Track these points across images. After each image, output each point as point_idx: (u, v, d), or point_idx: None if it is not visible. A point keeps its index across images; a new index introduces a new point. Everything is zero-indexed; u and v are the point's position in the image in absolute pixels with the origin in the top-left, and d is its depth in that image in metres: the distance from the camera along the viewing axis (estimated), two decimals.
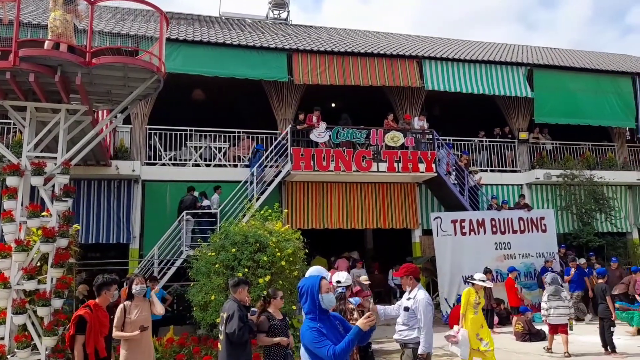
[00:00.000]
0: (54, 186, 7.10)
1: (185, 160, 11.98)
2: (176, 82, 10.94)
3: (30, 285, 6.55)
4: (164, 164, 11.70)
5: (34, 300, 6.59)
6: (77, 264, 8.51)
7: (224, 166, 12.02)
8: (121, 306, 5.03)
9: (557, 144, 15.01)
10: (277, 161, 11.43)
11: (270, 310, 4.87)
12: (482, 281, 6.81)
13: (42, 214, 6.92)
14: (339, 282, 5.38)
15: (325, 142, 11.48)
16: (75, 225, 8.06)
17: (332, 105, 15.13)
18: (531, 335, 9.17)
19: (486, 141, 14.35)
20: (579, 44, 61.07)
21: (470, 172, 12.68)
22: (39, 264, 6.93)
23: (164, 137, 11.81)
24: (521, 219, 12.20)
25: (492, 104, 14.44)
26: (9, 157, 7.00)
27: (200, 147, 12.08)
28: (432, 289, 12.46)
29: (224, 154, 12.22)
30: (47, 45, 6.73)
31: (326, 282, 3.15)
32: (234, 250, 7.87)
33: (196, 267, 8.35)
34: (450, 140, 13.60)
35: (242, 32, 14.10)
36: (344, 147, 11.42)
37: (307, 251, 8.57)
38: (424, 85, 12.96)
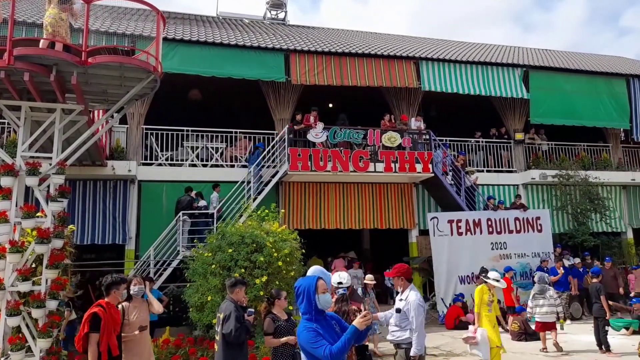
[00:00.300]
0: (49, 186, 7.04)
1: (182, 160, 11.94)
2: (173, 82, 10.91)
3: (24, 286, 6.48)
4: (160, 164, 11.66)
5: (29, 301, 6.54)
6: (73, 265, 8.47)
7: (221, 166, 11.99)
8: (120, 307, 4.99)
9: (552, 144, 15.09)
10: (274, 161, 11.42)
11: (274, 311, 4.83)
12: (496, 281, 6.55)
13: (37, 214, 6.87)
14: (340, 283, 5.35)
15: (322, 143, 11.47)
16: (70, 226, 7.99)
17: (330, 105, 15.14)
18: (527, 335, 9.20)
19: (482, 142, 14.40)
20: (574, 45, 61.45)
21: (466, 173, 12.72)
22: (33, 265, 6.87)
23: (160, 137, 11.77)
24: (517, 219, 12.27)
25: (488, 104, 14.50)
26: (3, 157, 6.94)
27: (197, 147, 12.04)
28: (428, 289, 12.49)
29: (221, 154, 12.19)
30: (43, 44, 6.68)
31: (323, 282, 3.14)
32: (230, 250, 7.85)
33: (192, 267, 8.33)
34: (446, 140, 13.64)
35: (239, 32, 14.08)
36: (341, 148, 11.42)
37: (304, 251, 8.57)
38: (420, 86, 12.98)
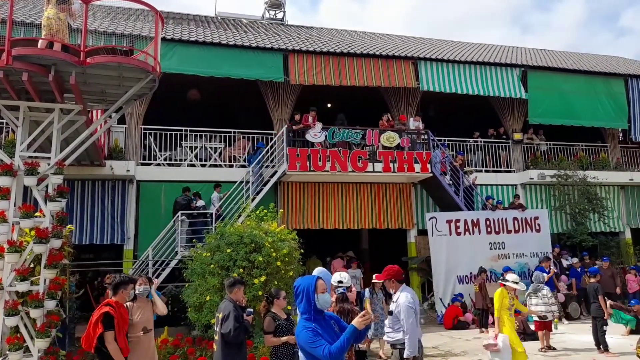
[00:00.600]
0: (47, 186, 7.04)
1: (180, 160, 11.93)
2: (171, 82, 10.90)
3: (23, 286, 6.48)
4: (159, 164, 11.65)
5: (27, 301, 6.54)
6: (71, 265, 8.46)
7: (220, 166, 11.98)
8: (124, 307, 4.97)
9: (551, 144, 15.11)
10: (273, 161, 11.42)
11: (274, 310, 4.83)
12: (515, 283, 6.31)
13: (36, 214, 6.87)
14: (340, 282, 5.35)
15: (321, 143, 11.48)
16: (69, 225, 8.00)
17: (328, 105, 15.14)
18: (526, 335, 9.20)
19: (481, 142, 14.42)
20: (573, 46, 61.58)
21: (465, 173, 12.73)
22: (32, 265, 6.87)
23: (159, 137, 11.76)
24: (515, 219, 12.29)
25: (486, 104, 14.52)
26: (1, 157, 6.93)
27: (195, 147, 12.03)
28: (427, 289, 12.50)
29: (220, 154, 12.19)
30: (41, 44, 6.68)
31: (322, 282, 3.14)
32: (229, 250, 7.85)
33: (191, 267, 8.32)
34: (445, 140, 13.65)
35: (237, 32, 14.08)
36: (340, 148, 11.43)
37: (302, 251, 8.57)
38: (419, 86, 13.00)
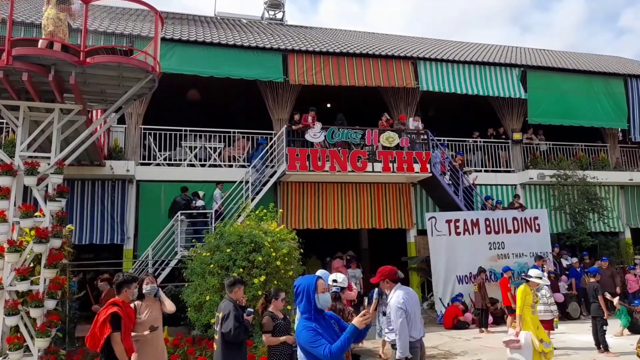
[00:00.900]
0: (47, 186, 7.05)
1: (180, 160, 11.94)
2: (171, 82, 10.90)
3: (23, 286, 6.49)
4: (158, 164, 11.65)
5: (27, 301, 6.54)
6: (71, 265, 8.46)
7: (219, 166, 11.98)
8: (132, 306, 4.95)
9: (550, 144, 15.12)
10: (272, 161, 11.43)
11: (271, 309, 4.85)
12: (539, 278, 6.15)
13: (35, 214, 6.88)
14: (335, 281, 5.40)
15: (320, 143, 11.48)
16: (68, 225, 8.01)
17: (328, 105, 15.15)
18: None
19: (480, 142, 14.43)
20: (573, 46, 61.62)
21: (464, 173, 12.74)
22: (32, 265, 6.88)
23: (158, 137, 11.76)
24: (515, 218, 12.29)
25: (486, 104, 14.53)
26: (1, 156, 6.94)
27: (195, 147, 12.04)
28: (426, 289, 12.51)
29: (219, 154, 12.19)
30: (41, 44, 6.69)
31: (322, 282, 3.15)
32: (228, 250, 7.85)
33: (191, 267, 8.33)
34: (444, 140, 13.65)
35: (237, 32, 14.08)
36: (339, 148, 11.44)
37: (302, 251, 8.58)
38: (418, 85, 13.01)
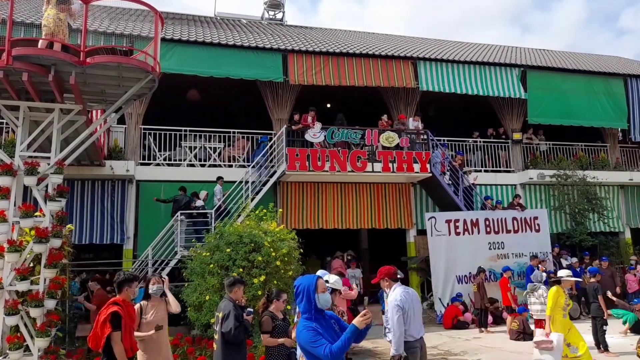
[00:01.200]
0: (47, 186, 7.06)
1: (179, 160, 11.94)
2: (171, 82, 10.90)
3: (23, 286, 6.50)
4: (158, 164, 11.65)
5: (27, 301, 6.55)
6: (71, 265, 8.47)
7: (219, 166, 11.98)
8: (137, 306, 4.95)
9: (550, 144, 15.12)
10: (272, 161, 11.43)
11: (271, 310, 4.84)
12: (570, 276, 6.04)
13: (35, 214, 6.89)
14: (327, 281, 5.39)
15: (320, 143, 11.48)
16: (68, 225, 8.02)
17: (327, 105, 15.15)
18: (525, 334, 9.22)
19: (480, 142, 14.44)
20: (573, 46, 61.63)
21: (464, 173, 12.74)
22: (31, 265, 6.89)
23: (158, 137, 11.77)
24: (515, 218, 12.29)
25: (486, 104, 14.53)
26: (1, 156, 6.94)
27: (194, 147, 12.04)
28: (426, 289, 12.51)
29: (219, 154, 12.20)
30: (41, 44, 6.70)
31: (322, 281, 3.16)
32: (228, 250, 7.86)
33: (191, 267, 8.33)
34: (444, 140, 13.65)
35: (237, 32, 14.08)
36: (339, 148, 11.43)
37: (301, 251, 8.58)
38: (418, 86, 13.01)
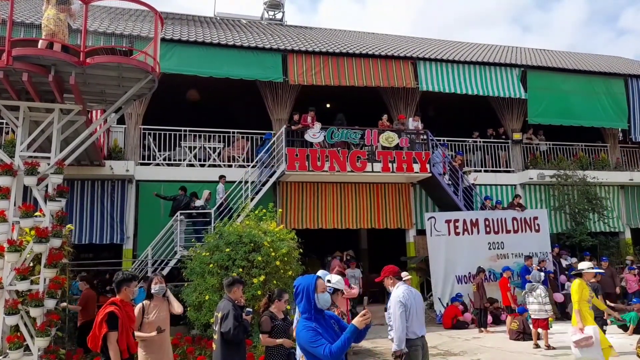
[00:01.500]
0: (47, 186, 7.06)
1: (179, 160, 11.95)
2: (171, 82, 10.92)
3: (23, 285, 6.51)
4: (158, 164, 11.67)
5: (27, 300, 6.56)
6: (71, 265, 8.47)
7: (219, 166, 11.99)
8: (139, 306, 4.94)
9: (550, 144, 15.12)
10: (272, 161, 11.44)
11: (272, 310, 4.83)
12: (591, 268, 5.95)
13: (35, 214, 6.89)
14: (329, 281, 5.38)
15: (319, 143, 11.48)
16: (68, 225, 8.02)
17: (327, 105, 15.16)
18: (525, 334, 9.22)
19: (480, 142, 14.44)
20: (573, 46, 61.65)
21: (464, 173, 12.74)
22: (31, 265, 6.90)
23: (158, 137, 11.78)
24: (514, 219, 12.28)
25: (486, 104, 14.53)
26: (1, 156, 6.95)
27: (194, 147, 12.05)
28: (425, 289, 12.52)
29: (219, 154, 12.21)
30: (41, 44, 6.71)
31: (322, 281, 3.16)
32: (228, 250, 7.86)
33: (190, 267, 8.34)
34: (444, 140, 13.65)
35: (237, 32, 14.09)
36: (339, 148, 11.44)
37: (301, 251, 8.58)
38: (418, 86, 13.01)
